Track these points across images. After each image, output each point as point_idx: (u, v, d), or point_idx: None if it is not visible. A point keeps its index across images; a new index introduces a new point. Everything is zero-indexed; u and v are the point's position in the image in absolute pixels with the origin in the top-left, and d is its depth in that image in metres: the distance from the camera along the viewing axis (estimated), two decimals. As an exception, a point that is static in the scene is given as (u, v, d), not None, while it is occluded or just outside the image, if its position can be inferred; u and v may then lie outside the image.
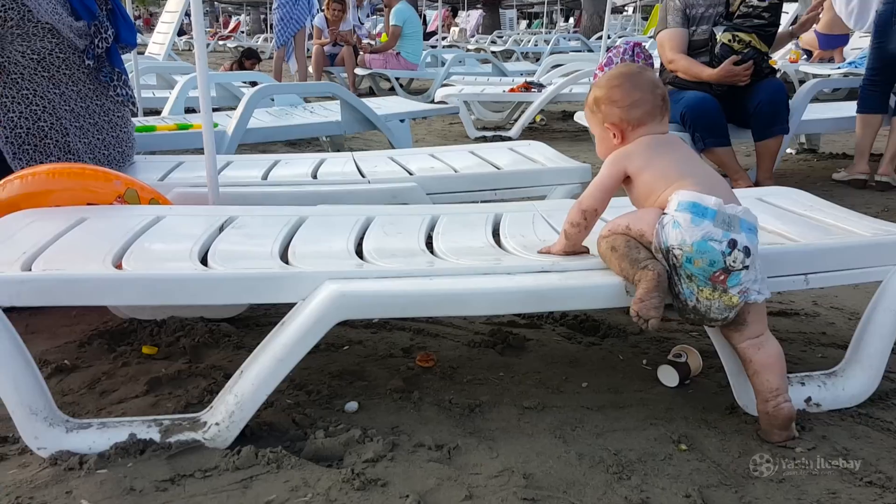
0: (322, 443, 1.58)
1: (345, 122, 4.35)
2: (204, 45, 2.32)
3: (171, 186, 2.53)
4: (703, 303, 1.55)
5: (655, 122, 1.75)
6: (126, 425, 1.59)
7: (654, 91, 1.75)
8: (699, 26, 3.78)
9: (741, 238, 1.54)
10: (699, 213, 1.55)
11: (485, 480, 1.48)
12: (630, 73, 1.78)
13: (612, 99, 1.75)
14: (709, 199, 1.56)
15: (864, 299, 1.86)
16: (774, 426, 1.61)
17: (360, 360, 2.03)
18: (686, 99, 3.71)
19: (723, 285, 1.54)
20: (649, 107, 1.73)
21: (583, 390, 1.87)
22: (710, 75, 3.68)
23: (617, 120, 1.75)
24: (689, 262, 1.53)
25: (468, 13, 21.24)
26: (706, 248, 1.53)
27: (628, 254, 1.59)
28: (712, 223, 1.54)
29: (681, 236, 1.54)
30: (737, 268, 1.53)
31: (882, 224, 1.98)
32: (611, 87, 1.76)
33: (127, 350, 2.06)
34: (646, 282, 1.54)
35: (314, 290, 1.59)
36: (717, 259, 1.52)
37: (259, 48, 14.93)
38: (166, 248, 1.87)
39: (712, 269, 1.53)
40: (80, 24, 2.62)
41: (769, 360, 1.61)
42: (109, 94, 2.73)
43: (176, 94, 5.07)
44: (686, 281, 1.55)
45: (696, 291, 1.55)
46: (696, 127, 3.69)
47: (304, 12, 8.46)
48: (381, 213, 2.20)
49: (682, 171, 1.66)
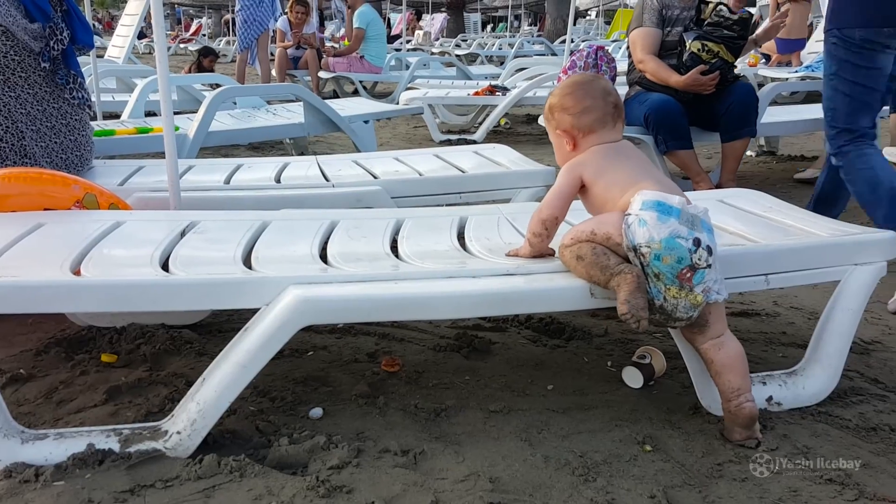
0: (286, 450, 1.56)
1: (308, 124, 4.31)
2: (164, 48, 2.29)
3: (132, 191, 2.49)
4: (670, 301, 1.57)
5: (607, 128, 1.76)
6: (84, 435, 1.56)
7: (606, 98, 1.77)
8: (673, 27, 3.83)
9: (704, 237, 1.57)
10: (665, 211, 1.57)
11: (451, 485, 1.47)
12: (583, 81, 1.81)
13: (563, 106, 1.77)
14: (673, 199, 1.59)
15: (823, 299, 1.90)
16: (736, 424, 1.63)
17: (325, 366, 2.01)
18: (650, 101, 3.76)
19: (689, 283, 1.55)
20: (600, 114, 1.75)
21: (548, 393, 1.87)
22: (677, 82, 3.73)
23: (568, 126, 1.77)
24: (657, 260, 1.55)
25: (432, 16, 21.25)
26: (674, 245, 1.54)
27: (597, 261, 1.60)
28: (678, 221, 1.56)
29: (648, 234, 1.55)
30: (702, 265, 1.56)
31: (839, 225, 2.03)
32: (563, 94, 1.79)
33: (85, 358, 2.02)
34: (626, 284, 1.55)
35: (277, 295, 1.57)
36: (685, 256, 1.55)
37: (221, 51, 14.77)
38: (126, 254, 1.83)
39: (680, 266, 1.55)
40: (35, 27, 2.57)
41: (730, 361, 1.63)
42: (66, 97, 2.67)
43: (136, 98, 4.99)
44: (654, 280, 1.57)
45: (664, 290, 1.56)
46: (660, 130, 3.74)
47: (267, 15, 8.39)
48: (346, 217, 2.18)
49: (636, 178, 1.68)
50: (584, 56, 4.16)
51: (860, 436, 1.67)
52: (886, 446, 1.63)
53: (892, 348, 2.15)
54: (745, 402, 1.61)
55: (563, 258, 1.68)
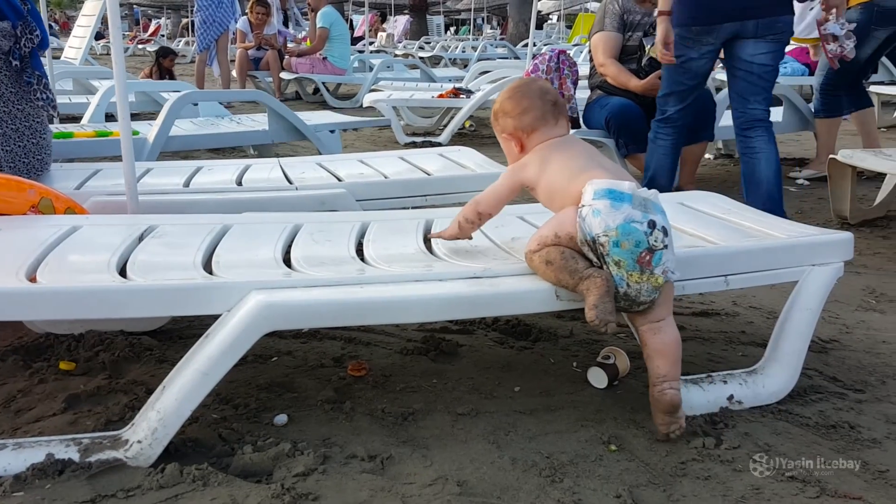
0: (250, 458, 1.54)
1: (272, 131, 4.28)
2: (121, 50, 2.25)
3: (89, 195, 2.44)
4: (633, 287, 1.58)
5: (548, 126, 1.81)
6: (43, 445, 1.52)
7: (544, 97, 1.82)
8: (634, 32, 3.88)
9: (658, 218, 1.60)
10: (617, 197, 1.59)
11: (419, 490, 1.47)
12: (520, 84, 1.88)
13: (505, 110, 1.83)
14: (623, 184, 1.62)
15: (781, 299, 1.93)
16: (658, 410, 1.64)
17: (290, 372, 1.99)
18: (611, 105, 3.81)
19: (649, 267, 1.57)
20: (539, 112, 1.80)
21: (515, 394, 1.87)
22: (636, 86, 3.79)
23: (512, 129, 1.82)
24: (616, 247, 1.56)
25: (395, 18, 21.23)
26: (630, 230, 1.56)
27: (565, 266, 1.60)
28: (631, 206, 1.58)
29: (604, 222, 1.56)
30: (658, 247, 1.58)
31: (796, 226, 2.07)
32: (503, 100, 1.85)
33: (43, 366, 1.97)
34: (595, 289, 1.56)
35: (240, 300, 1.55)
36: (642, 239, 1.57)
37: (180, 52, 14.57)
38: (83, 260, 1.79)
39: (638, 249, 1.56)
40: (4, 25, 2.50)
41: (663, 347, 1.64)
42: (31, 98, 2.61)
43: (97, 101, 4.90)
44: (615, 268, 1.58)
45: (626, 276, 1.58)
46: (620, 133, 3.79)
47: (227, 15, 8.28)
48: (310, 220, 2.16)
49: (582, 167, 1.71)
50: (547, 60, 4.19)
51: (820, 433, 1.70)
52: (846, 443, 1.66)
53: (849, 347, 2.20)
54: (668, 388, 1.62)
55: (531, 263, 1.69)
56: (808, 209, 3.89)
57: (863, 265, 2.98)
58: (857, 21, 4.13)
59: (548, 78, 4.15)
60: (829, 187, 3.54)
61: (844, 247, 1.92)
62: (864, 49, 4.11)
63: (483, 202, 1.84)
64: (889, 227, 3.53)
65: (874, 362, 2.09)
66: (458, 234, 1.87)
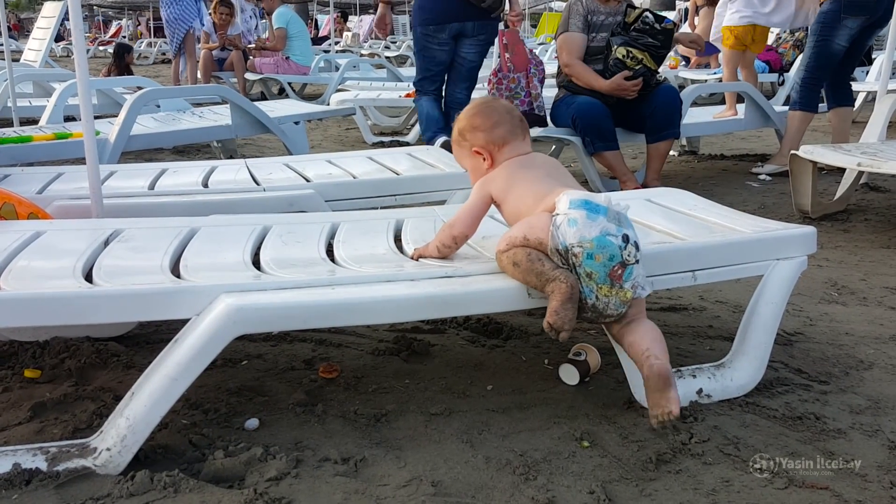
0: (222, 463, 1.53)
1: (235, 126, 4.23)
2: (84, 51, 2.21)
3: (51, 199, 2.39)
4: (601, 300, 1.59)
5: (518, 140, 1.84)
6: (9, 455, 1.49)
7: (511, 113, 1.88)
8: (598, 33, 3.91)
9: (630, 233, 1.61)
10: (593, 209, 1.59)
11: (393, 491, 1.46)
12: (485, 101, 1.92)
13: (474, 125, 1.85)
14: (599, 197, 1.63)
15: (746, 293, 1.96)
16: (649, 388, 1.55)
17: (260, 375, 1.97)
18: (577, 104, 3.83)
19: (619, 281, 1.58)
20: (509, 126, 1.84)
21: (488, 393, 1.88)
22: (602, 87, 3.82)
23: (483, 142, 1.84)
24: (589, 259, 1.57)
25: (360, 18, 21.11)
26: (606, 243, 1.57)
27: (532, 268, 1.61)
28: (606, 219, 1.59)
29: (580, 233, 1.57)
30: (631, 261, 1.59)
31: (760, 221, 2.10)
32: (470, 116, 1.87)
33: (8, 374, 1.93)
34: (559, 293, 1.56)
35: (209, 304, 1.53)
36: (616, 253, 1.57)
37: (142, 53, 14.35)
38: (47, 266, 1.75)
39: (611, 263, 1.57)
40: None
41: (641, 330, 1.62)
42: None
43: (54, 102, 4.80)
44: (585, 279, 1.59)
45: (596, 289, 1.59)
46: (587, 132, 3.82)
47: (189, 13, 8.16)
48: (279, 221, 2.15)
49: (551, 186, 1.72)
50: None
51: (787, 425, 1.73)
52: (812, 434, 1.69)
53: (813, 339, 2.24)
54: (654, 360, 1.56)
55: (499, 263, 1.70)
56: (770, 204, 3.96)
57: (825, 258, 3.04)
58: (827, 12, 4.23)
59: (515, 77, 4.16)
60: (791, 182, 3.61)
61: (808, 241, 1.96)
62: (837, 40, 4.21)
63: (457, 224, 1.80)
64: (849, 220, 3.61)
65: (837, 354, 2.13)
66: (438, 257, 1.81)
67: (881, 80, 4.23)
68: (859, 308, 2.52)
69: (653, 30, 3.82)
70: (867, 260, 3.05)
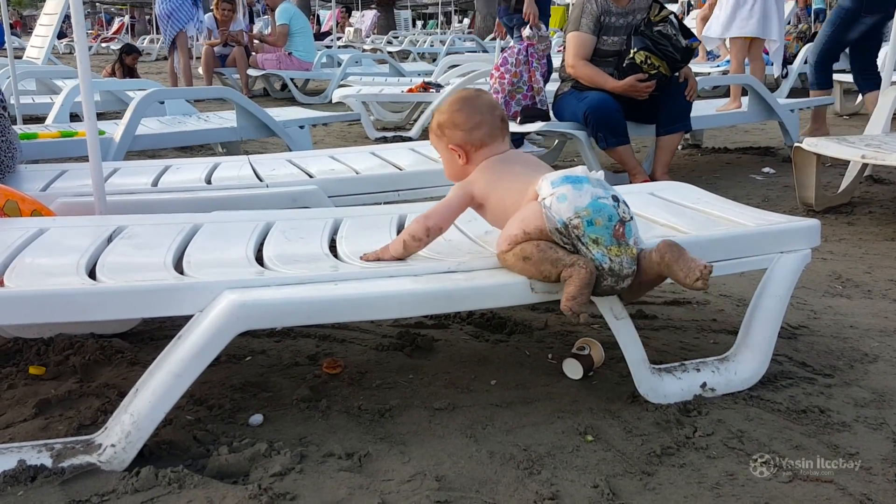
0: (226, 459, 1.53)
1: (240, 128, 4.23)
2: (86, 49, 2.21)
3: (55, 196, 2.40)
4: (615, 261, 1.60)
5: (497, 142, 1.83)
6: (15, 451, 1.49)
7: (493, 113, 1.84)
8: (610, 36, 3.86)
9: (617, 194, 1.64)
10: (576, 181, 1.61)
11: (397, 486, 1.47)
12: (469, 97, 1.87)
13: (454, 123, 1.82)
14: (576, 169, 1.66)
15: (750, 286, 1.96)
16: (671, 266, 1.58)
17: (264, 371, 1.97)
18: (589, 99, 3.79)
19: (623, 238, 1.60)
20: (489, 128, 1.82)
21: (492, 388, 1.88)
22: (614, 87, 3.79)
23: (460, 142, 1.82)
24: (591, 225, 1.58)
25: (362, 13, 21.10)
26: (601, 206, 1.59)
27: (545, 257, 1.60)
28: (591, 186, 1.61)
29: (573, 205, 1.58)
30: (627, 218, 1.62)
31: (764, 214, 2.10)
32: (452, 111, 1.83)
33: (12, 371, 1.93)
34: (577, 278, 1.56)
35: (212, 300, 1.53)
36: (613, 213, 1.59)
37: (145, 49, 14.36)
38: (51, 263, 1.76)
39: (612, 223, 1.59)
40: None
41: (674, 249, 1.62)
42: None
43: (61, 101, 4.81)
44: (594, 246, 1.59)
45: (607, 252, 1.59)
46: (599, 128, 3.79)
47: (185, 13, 8.11)
48: (282, 217, 2.15)
49: (532, 178, 1.71)
50: (516, 53, 4.19)
51: (791, 418, 1.73)
52: (816, 427, 1.69)
53: (817, 332, 2.24)
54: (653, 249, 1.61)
55: (505, 263, 1.69)
56: (774, 197, 3.95)
57: (829, 251, 3.03)
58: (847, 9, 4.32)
59: (517, 71, 4.15)
60: (794, 175, 3.60)
61: (812, 234, 1.96)
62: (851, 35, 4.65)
63: (434, 216, 1.78)
64: (853, 213, 3.60)
65: (842, 347, 2.13)
66: (402, 254, 1.77)
67: (885, 72, 4.22)
68: (864, 301, 2.51)
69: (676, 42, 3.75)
70: (872, 252, 3.04)
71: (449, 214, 1.82)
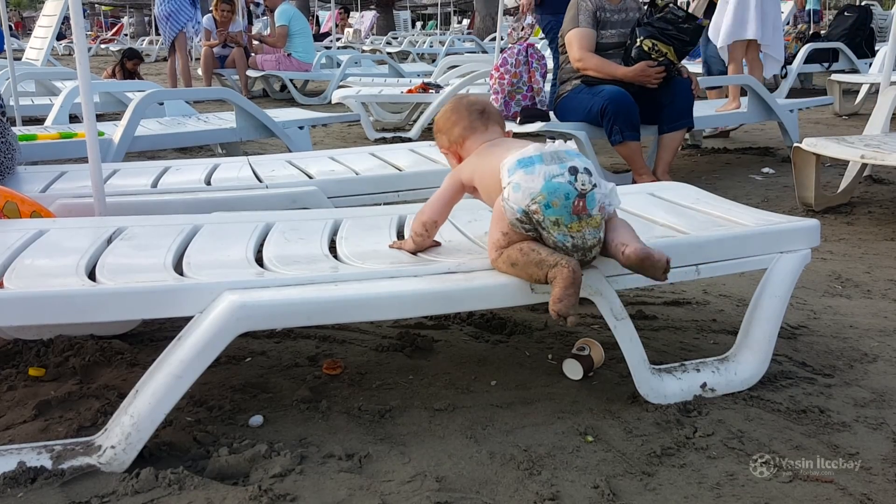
0: (226, 460, 1.53)
1: (240, 129, 4.23)
2: (85, 50, 2.21)
3: (54, 198, 2.40)
4: (577, 237, 1.58)
5: (478, 133, 1.86)
6: (14, 453, 1.49)
7: (470, 108, 1.89)
8: (608, 30, 3.89)
9: (577, 162, 1.59)
10: (526, 164, 1.60)
11: (397, 487, 1.47)
12: (452, 102, 1.95)
13: (438, 128, 1.93)
14: (527, 150, 1.63)
15: (750, 286, 1.96)
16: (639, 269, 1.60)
17: (264, 372, 1.97)
18: (607, 93, 3.78)
19: (585, 212, 1.57)
20: (466, 122, 1.87)
21: (492, 388, 1.88)
22: (625, 73, 3.79)
23: (447, 143, 1.91)
24: (548, 208, 1.56)
25: (362, 14, 21.10)
26: (554, 187, 1.55)
27: (529, 259, 1.59)
28: (544, 164, 1.58)
29: (527, 191, 1.56)
30: (588, 189, 1.57)
31: (764, 214, 2.10)
32: (437, 119, 1.94)
33: (12, 373, 1.93)
34: (561, 279, 1.54)
35: (212, 301, 1.53)
36: (569, 190, 1.56)
37: (144, 51, 14.35)
38: (51, 264, 1.76)
39: (569, 201, 1.56)
40: None
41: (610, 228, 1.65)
42: None
43: (60, 103, 4.80)
44: (555, 228, 1.57)
45: (567, 231, 1.57)
46: (617, 120, 3.77)
47: (185, 14, 8.10)
48: (281, 218, 2.15)
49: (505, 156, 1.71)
50: (515, 53, 4.19)
51: (791, 418, 1.73)
52: (816, 427, 1.69)
53: (817, 332, 2.24)
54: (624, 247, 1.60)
55: (499, 269, 1.69)
56: (773, 197, 3.95)
57: (828, 251, 3.04)
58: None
59: (517, 71, 4.16)
60: (794, 175, 3.60)
61: (811, 234, 1.96)
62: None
63: (426, 210, 1.84)
64: (852, 213, 3.60)
65: (842, 347, 2.13)
66: (415, 248, 1.84)
67: (884, 71, 4.22)
68: (863, 301, 2.51)
69: (680, 24, 3.77)
70: (871, 252, 3.04)
71: (440, 206, 1.84)
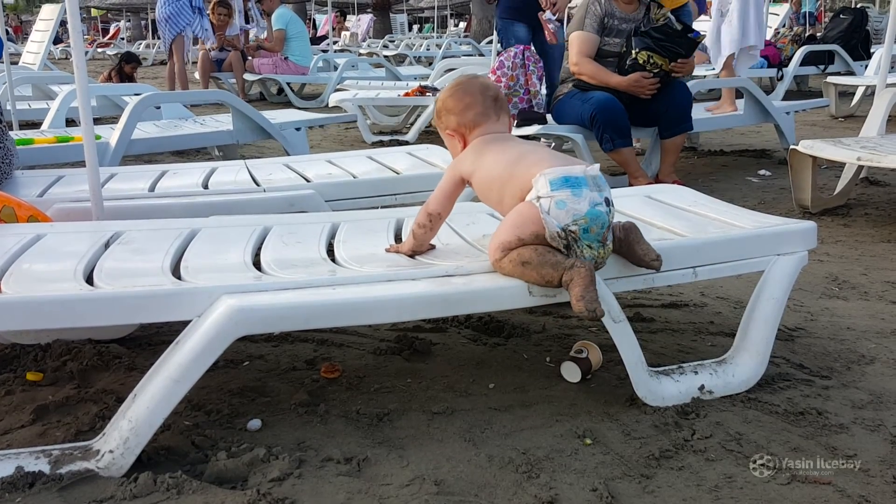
0: (224, 464, 1.53)
1: (237, 131, 4.22)
2: (83, 54, 2.21)
3: (52, 202, 2.39)
4: (600, 263, 1.67)
5: (490, 121, 1.84)
6: (12, 458, 1.49)
7: (485, 93, 1.86)
8: (612, 38, 3.88)
9: (608, 193, 1.66)
10: (575, 184, 1.62)
11: (396, 490, 1.47)
12: (461, 81, 1.91)
13: (447, 108, 1.86)
14: (575, 169, 1.65)
15: (747, 289, 1.96)
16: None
17: (262, 376, 1.97)
18: (596, 100, 3.79)
19: (607, 242, 1.66)
20: (481, 108, 1.84)
21: (490, 391, 1.88)
22: (619, 83, 3.80)
23: (455, 125, 1.86)
24: (586, 233, 1.61)
25: (358, 17, 21.09)
26: (597, 214, 1.61)
27: (545, 260, 1.61)
28: (589, 189, 1.62)
29: (571, 212, 1.60)
30: (612, 220, 1.66)
31: (760, 216, 2.10)
32: (445, 98, 1.88)
33: (10, 377, 1.93)
34: (580, 278, 1.57)
35: (210, 305, 1.53)
36: (605, 220, 1.63)
37: (141, 55, 14.34)
38: (48, 268, 1.76)
39: (603, 230, 1.63)
40: None
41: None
42: None
43: (56, 107, 4.80)
44: (587, 250, 1.63)
45: (595, 256, 1.64)
46: (606, 128, 3.78)
47: (185, 17, 8.09)
48: (279, 222, 2.15)
49: (520, 154, 1.74)
50: (512, 56, 4.20)
51: (789, 420, 1.73)
52: (814, 429, 1.69)
53: (814, 334, 2.24)
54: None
55: (502, 270, 1.68)
56: (770, 199, 3.96)
57: (825, 253, 3.04)
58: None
59: (513, 74, 4.16)
60: (791, 177, 3.61)
61: (808, 236, 1.96)
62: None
63: (432, 203, 1.84)
64: (849, 215, 3.61)
65: (839, 348, 2.13)
66: (415, 244, 1.84)
67: (880, 73, 4.24)
68: (860, 303, 2.52)
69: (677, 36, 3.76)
70: (868, 254, 3.05)
71: (443, 198, 1.84)
